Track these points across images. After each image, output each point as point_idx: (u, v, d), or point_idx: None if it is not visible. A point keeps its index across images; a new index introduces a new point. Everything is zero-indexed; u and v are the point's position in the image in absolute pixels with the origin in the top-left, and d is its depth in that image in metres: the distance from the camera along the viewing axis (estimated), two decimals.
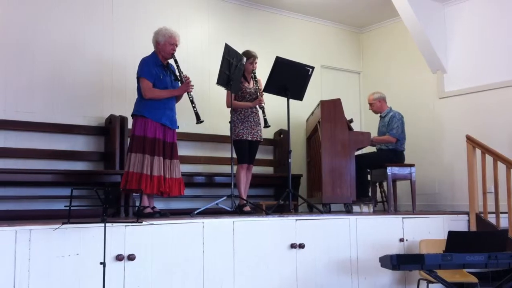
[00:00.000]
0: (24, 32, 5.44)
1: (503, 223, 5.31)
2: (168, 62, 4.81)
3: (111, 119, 5.67)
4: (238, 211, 5.06)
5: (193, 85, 4.76)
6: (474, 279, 4.78)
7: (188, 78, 4.76)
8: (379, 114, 6.54)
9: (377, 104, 6.47)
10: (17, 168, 5.12)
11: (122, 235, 3.61)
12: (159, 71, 4.67)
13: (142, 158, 4.44)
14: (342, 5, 7.37)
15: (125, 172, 4.50)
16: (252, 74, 5.50)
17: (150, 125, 4.52)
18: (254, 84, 5.50)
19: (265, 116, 5.38)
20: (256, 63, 5.52)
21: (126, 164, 4.53)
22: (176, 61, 4.73)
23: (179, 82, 4.77)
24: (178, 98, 4.87)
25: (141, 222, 3.59)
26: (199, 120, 4.78)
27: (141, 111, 4.56)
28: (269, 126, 5.40)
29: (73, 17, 5.75)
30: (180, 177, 4.70)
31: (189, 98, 4.75)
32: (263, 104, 5.40)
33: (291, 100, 5.47)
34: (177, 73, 4.77)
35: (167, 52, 4.69)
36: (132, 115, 4.66)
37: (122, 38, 6.03)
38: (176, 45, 4.73)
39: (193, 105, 4.76)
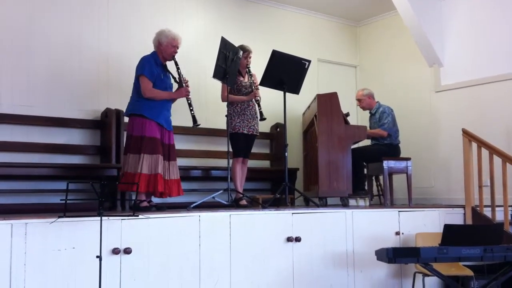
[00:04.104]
0: (20, 27, 5.41)
1: (499, 216, 5.32)
2: (165, 64, 4.79)
3: (107, 112, 5.65)
4: (234, 205, 5.07)
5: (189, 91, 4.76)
6: (469, 272, 4.80)
7: (187, 82, 4.75)
8: (368, 111, 6.56)
9: (366, 100, 6.48)
10: (13, 162, 5.10)
11: (119, 228, 3.60)
12: (160, 71, 4.65)
13: (142, 158, 4.39)
14: None
15: (125, 172, 4.45)
16: (247, 69, 5.50)
17: (148, 125, 4.48)
18: (249, 78, 5.50)
19: (260, 109, 5.37)
20: (250, 57, 5.51)
21: (125, 164, 4.47)
22: (176, 64, 4.71)
23: (177, 84, 4.76)
24: (173, 99, 4.85)
25: (138, 216, 3.59)
26: (195, 124, 4.77)
27: (140, 110, 4.51)
28: (265, 118, 5.40)
29: (69, 11, 5.72)
30: (178, 178, 4.68)
31: (187, 101, 4.74)
32: (258, 98, 5.40)
33: (287, 94, 5.47)
34: (177, 76, 4.75)
35: (169, 53, 4.68)
36: (130, 115, 4.60)
37: (118, 32, 6.00)
38: (178, 48, 4.71)
39: (191, 108, 4.75)
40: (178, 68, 4.73)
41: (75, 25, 5.75)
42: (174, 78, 4.79)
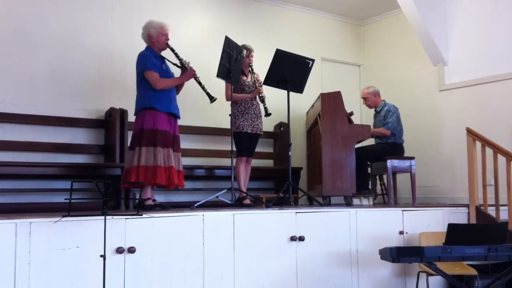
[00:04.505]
0: (23, 25, 5.42)
1: (503, 215, 5.31)
2: (161, 54, 4.79)
3: (111, 111, 5.66)
4: (238, 204, 5.07)
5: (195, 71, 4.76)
6: (473, 272, 4.79)
7: (189, 63, 4.76)
8: (373, 109, 6.55)
9: (372, 98, 6.47)
10: (17, 161, 5.12)
11: (123, 227, 3.61)
12: (160, 62, 4.66)
13: (158, 151, 4.39)
14: None
15: (135, 166, 4.38)
16: (250, 68, 5.50)
17: (160, 118, 4.48)
18: (252, 77, 5.50)
19: (265, 105, 5.36)
20: (252, 56, 5.52)
21: (135, 158, 4.40)
22: (173, 50, 4.71)
23: (180, 68, 4.76)
24: (178, 89, 4.85)
25: (141, 215, 3.60)
26: (212, 99, 4.79)
27: (150, 103, 4.48)
28: (270, 114, 5.38)
29: (72, 10, 5.74)
30: (181, 170, 4.71)
31: (197, 80, 4.74)
32: (262, 94, 5.39)
33: (291, 93, 5.47)
34: (178, 61, 4.75)
35: (162, 43, 4.68)
36: (140, 110, 4.54)
37: (122, 31, 6.01)
38: (168, 34, 4.71)
39: (202, 85, 4.75)
40: (176, 54, 4.73)
41: (79, 24, 5.76)
42: (175, 64, 4.79)
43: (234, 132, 5.27)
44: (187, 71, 4.72)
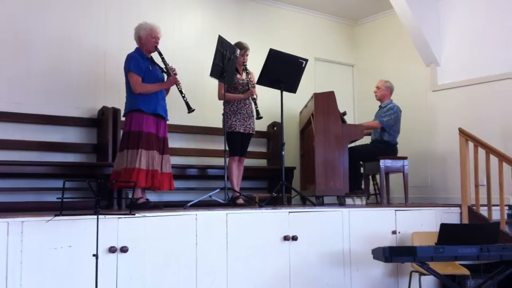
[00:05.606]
0: (18, 24, 5.40)
1: (495, 215, 5.34)
2: (151, 56, 4.80)
3: (103, 110, 5.64)
4: (231, 204, 5.06)
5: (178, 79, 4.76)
6: (466, 271, 4.81)
7: (175, 70, 4.75)
8: (379, 104, 6.54)
9: (383, 91, 6.45)
10: (9, 160, 5.08)
11: (115, 227, 3.60)
12: (147, 64, 4.66)
13: (140, 153, 4.40)
14: None
15: (124, 169, 4.42)
16: (244, 66, 5.50)
17: (146, 120, 4.50)
18: (246, 76, 5.50)
19: (257, 107, 5.37)
20: (247, 55, 5.52)
21: (123, 161, 4.45)
22: (160, 54, 4.72)
23: (165, 74, 4.77)
24: (167, 90, 4.86)
25: (134, 214, 3.59)
26: (190, 110, 4.78)
27: (137, 105, 4.52)
28: (261, 117, 5.40)
29: (67, 9, 5.72)
30: (170, 172, 4.70)
31: (178, 89, 4.75)
32: (254, 96, 5.40)
33: (284, 93, 5.47)
34: (163, 66, 4.75)
35: (151, 45, 4.70)
36: (127, 113, 4.59)
37: (116, 30, 5.99)
38: (158, 38, 4.72)
39: (183, 95, 4.76)
40: (163, 58, 4.74)
41: (73, 23, 5.74)
42: (162, 69, 4.80)
43: (227, 132, 5.27)
44: (170, 78, 4.74)
